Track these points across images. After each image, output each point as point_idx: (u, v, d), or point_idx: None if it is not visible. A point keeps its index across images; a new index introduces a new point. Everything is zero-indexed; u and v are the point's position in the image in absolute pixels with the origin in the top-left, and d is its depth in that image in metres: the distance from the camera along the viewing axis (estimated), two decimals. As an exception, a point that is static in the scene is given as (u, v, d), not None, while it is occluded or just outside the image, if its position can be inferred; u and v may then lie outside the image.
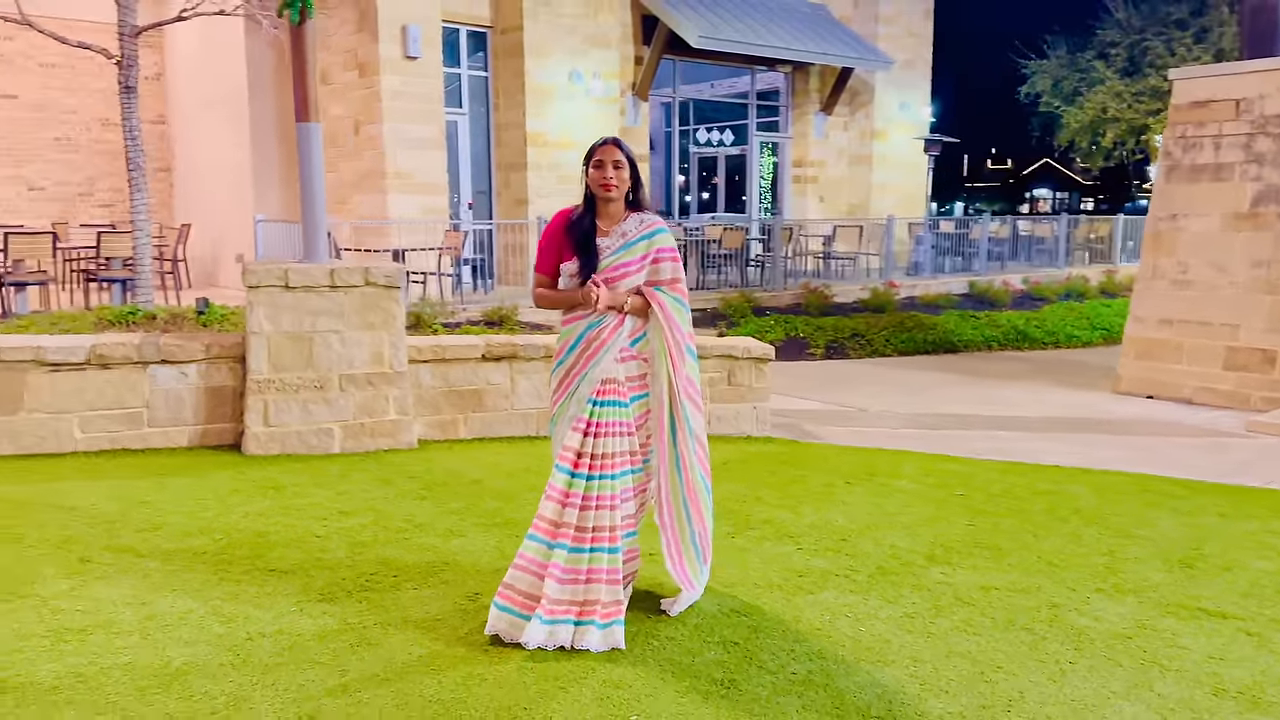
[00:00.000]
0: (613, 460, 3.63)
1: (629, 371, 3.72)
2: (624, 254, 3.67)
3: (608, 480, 3.61)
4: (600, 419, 3.63)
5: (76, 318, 8.56)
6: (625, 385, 3.70)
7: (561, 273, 3.70)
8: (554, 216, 3.80)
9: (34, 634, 3.45)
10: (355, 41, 12.68)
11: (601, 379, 3.65)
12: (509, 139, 14.86)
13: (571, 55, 14.87)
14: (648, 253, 3.71)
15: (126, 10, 9.11)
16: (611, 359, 3.67)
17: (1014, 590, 4.18)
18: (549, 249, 3.73)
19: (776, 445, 6.83)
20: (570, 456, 3.60)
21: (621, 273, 3.66)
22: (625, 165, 3.65)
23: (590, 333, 3.66)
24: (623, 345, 3.69)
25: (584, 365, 3.67)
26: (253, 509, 4.96)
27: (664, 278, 3.75)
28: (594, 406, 3.63)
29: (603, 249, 3.66)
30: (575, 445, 3.61)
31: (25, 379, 5.69)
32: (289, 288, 5.92)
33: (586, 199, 3.72)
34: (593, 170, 3.64)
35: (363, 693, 3.14)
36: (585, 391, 3.65)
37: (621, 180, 3.65)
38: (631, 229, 3.70)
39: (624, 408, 3.68)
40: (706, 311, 13.27)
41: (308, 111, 6.28)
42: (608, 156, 3.62)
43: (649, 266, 3.72)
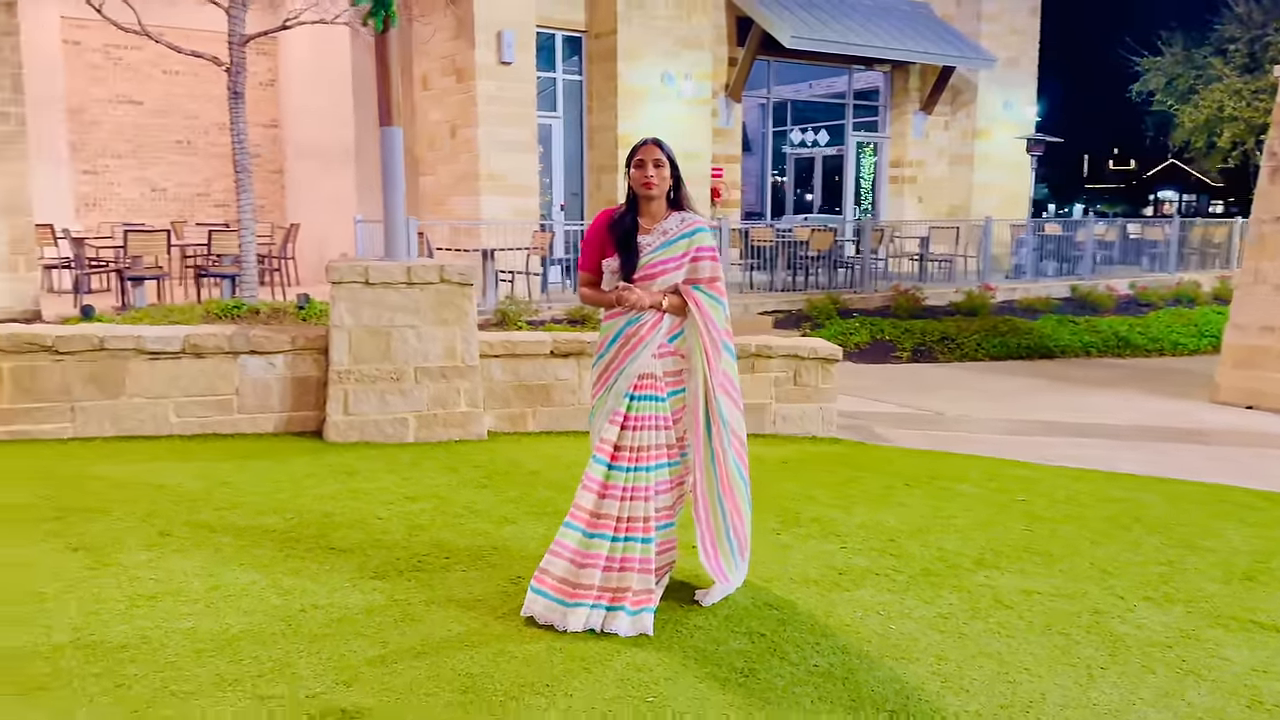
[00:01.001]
0: (649, 453, 3.74)
1: (666, 367, 3.82)
2: (664, 251, 3.76)
3: (643, 472, 3.72)
4: (637, 413, 3.74)
5: (186, 310, 9.09)
6: (663, 380, 3.80)
7: (604, 269, 3.81)
8: (598, 215, 3.93)
9: (111, 598, 3.75)
10: (453, 48, 13.09)
11: (639, 374, 3.75)
12: (601, 141, 15.10)
13: (664, 57, 15.02)
14: (687, 250, 3.79)
15: (236, 20, 9.64)
16: (649, 355, 3.77)
17: (1057, 595, 4.13)
18: (591, 247, 3.86)
19: (841, 446, 6.83)
20: (608, 449, 3.71)
21: (660, 269, 3.76)
22: (666, 164, 3.74)
23: (629, 329, 3.76)
24: (660, 342, 3.79)
25: (622, 360, 3.77)
26: (324, 492, 5.24)
27: (703, 276, 3.82)
28: (631, 400, 3.74)
29: (643, 246, 3.76)
30: (613, 438, 3.72)
31: (127, 366, 6.12)
32: (369, 284, 6.22)
33: (629, 198, 3.83)
34: (634, 170, 3.74)
35: (399, 664, 3.33)
36: (623, 386, 3.75)
37: (662, 179, 3.74)
38: (672, 227, 3.79)
39: (661, 402, 3.78)
40: (791, 314, 13.25)
41: (390, 116, 6.57)
42: (648, 156, 3.72)
43: (688, 264, 3.80)
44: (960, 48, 18.04)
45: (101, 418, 6.12)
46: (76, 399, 6.06)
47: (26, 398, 5.97)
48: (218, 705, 3.00)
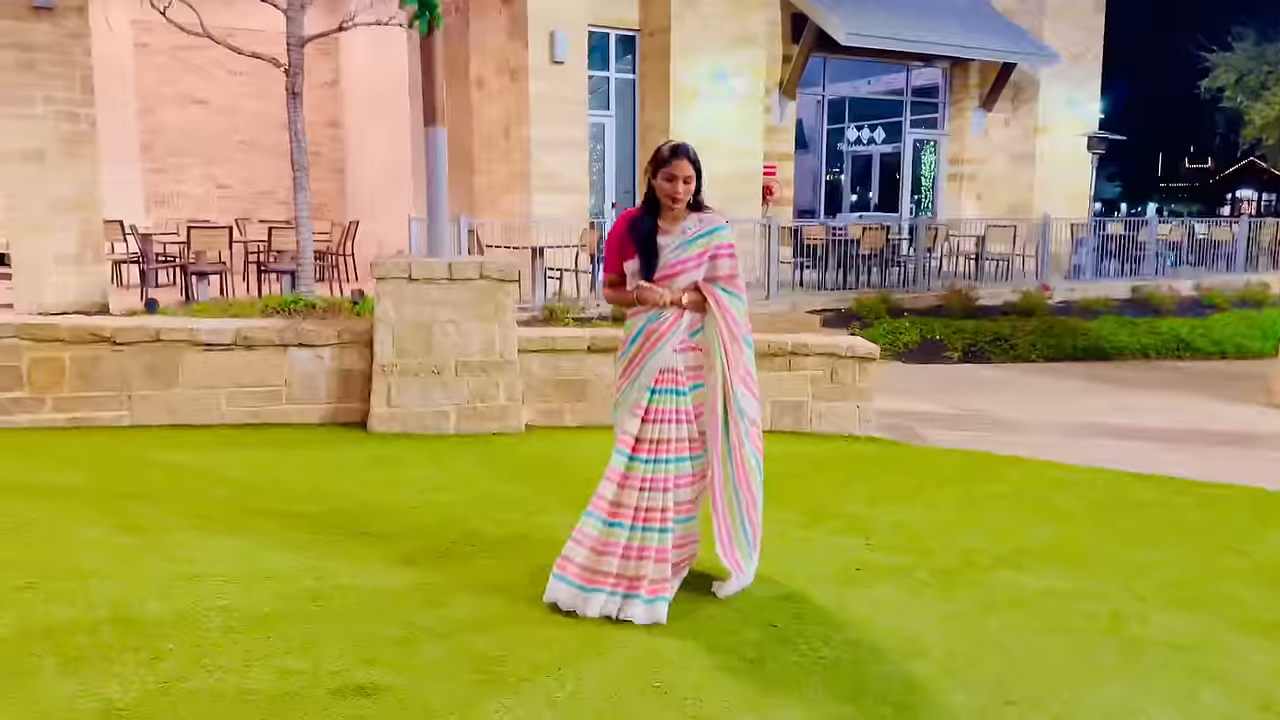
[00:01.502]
0: (668, 445, 3.83)
1: (687, 362, 3.90)
2: (683, 251, 3.83)
3: (662, 464, 3.82)
4: (658, 405, 3.83)
5: (245, 305, 9.40)
6: (684, 375, 3.88)
7: (626, 269, 3.89)
8: (618, 218, 4.01)
9: (152, 577, 3.95)
10: (507, 48, 13.28)
11: (660, 368, 3.84)
12: (653, 139, 15.16)
13: (716, 55, 15.04)
14: (706, 249, 3.85)
15: (294, 22, 9.92)
16: (670, 350, 3.84)
17: (1078, 596, 4.12)
18: (613, 249, 3.94)
19: (878, 445, 6.83)
20: (629, 441, 3.81)
21: (680, 269, 3.83)
22: (694, 179, 3.80)
23: (650, 326, 3.84)
24: (681, 337, 3.86)
25: (644, 356, 3.85)
26: (363, 480, 5.42)
27: (721, 273, 3.89)
28: (652, 394, 3.83)
29: (664, 246, 3.83)
30: (634, 431, 3.82)
31: (181, 357, 6.37)
32: (412, 280, 6.39)
33: (648, 200, 3.88)
34: (663, 182, 3.77)
35: (419, 645, 3.46)
36: (645, 380, 3.83)
37: (688, 192, 3.80)
38: (691, 227, 3.86)
39: (682, 395, 3.87)
40: (840, 312, 13.20)
41: (434, 117, 6.74)
42: (679, 173, 3.74)
43: (708, 262, 3.86)
44: (1021, 44, 17.75)
45: (157, 406, 6.38)
46: (134, 388, 6.33)
47: (87, 386, 6.25)
48: (243, 680, 3.16)
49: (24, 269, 10.44)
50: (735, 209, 15.29)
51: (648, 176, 3.86)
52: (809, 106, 19.08)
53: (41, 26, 10.22)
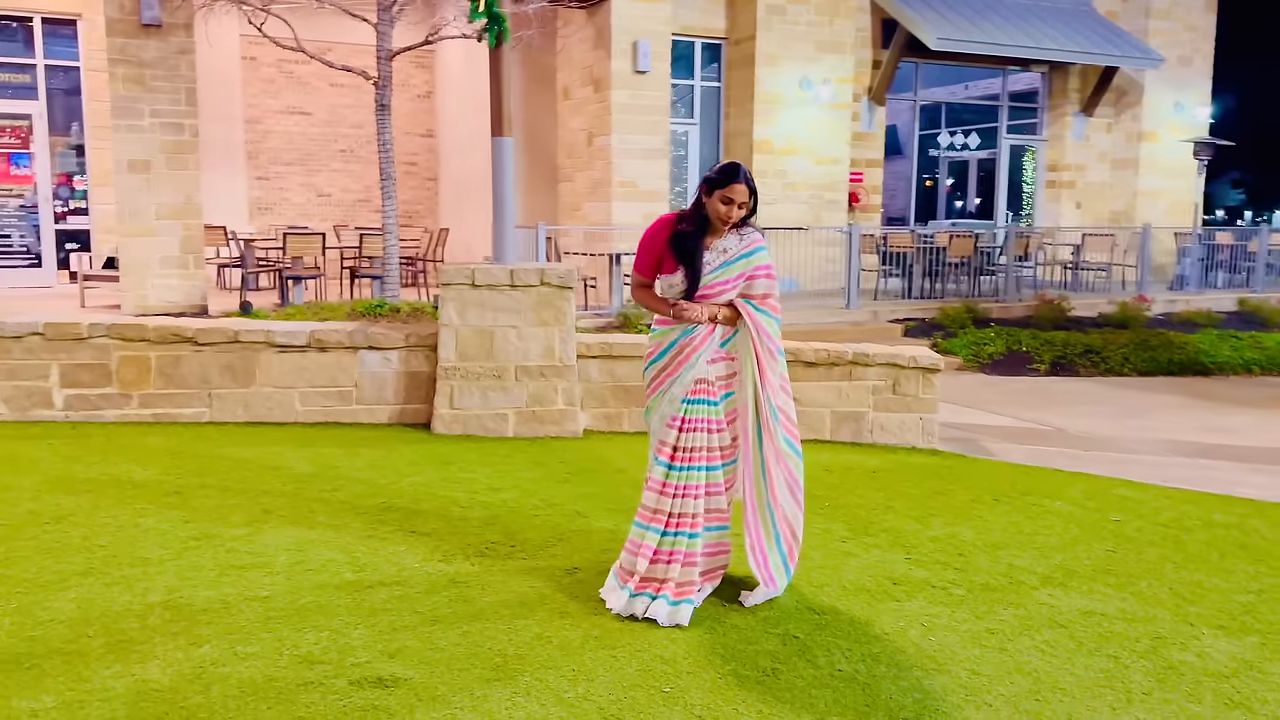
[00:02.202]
0: (700, 454, 3.89)
1: (719, 372, 3.94)
2: (723, 271, 3.84)
3: (694, 471, 3.89)
4: (691, 415, 3.89)
5: (334, 308, 9.74)
6: (716, 385, 3.93)
7: (663, 281, 3.89)
8: (656, 221, 4.00)
9: (205, 567, 4.16)
10: (592, 58, 13.46)
11: (695, 379, 3.89)
12: (737, 147, 15.18)
13: (803, 62, 14.96)
14: (744, 270, 3.87)
15: (383, 36, 10.28)
16: (704, 362, 3.90)
17: (1121, 618, 3.99)
18: (650, 253, 3.93)
19: (938, 458, 6.70)
20: (667, 450, 3.90)
21: (719, 290, 3.85)
22: (748, 205, 3.80)
23: (683, 340, 3.89)
24: (714, 349, 3.92)
25: (677, 368, 3.90)
26: (418, 479, 5.59)
27: (756, 293, 3.91)
28: (686, 405, 3.89)
29: (706, 264, 3.82)
30: (671, 440, 3.89)
31: (258, 358, 6.68)
32: (475, 285, 6.56)
33: (696, 215, 3.85)
34: (719, 204, 3.76)
35: (443, 640, 3.57)
36: (678, 392, 3.89)
37: (740, 216, 3.81)
38: (731, 246, 3.86)
39: (714, 405, 3.92)
40: (924, 322, 12.96)
41: (501, 127, 6.91)
42: (737, 197, 3.75)
43: (744, 282, 3.89)
44: (1123, 46, 17.14)
45: (235, 405, 6.70)
46: (213, 387, 6.66)
47: (170, 384, 6.60)
48: (271, 667, 3.31)
49: (131, 271, 11.06)
50: (820, 216, 15.20)
51: (700, 193, 3.85)
52: (902, 113, 18.80)
53: (150, 43, 10.82)
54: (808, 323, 12.37)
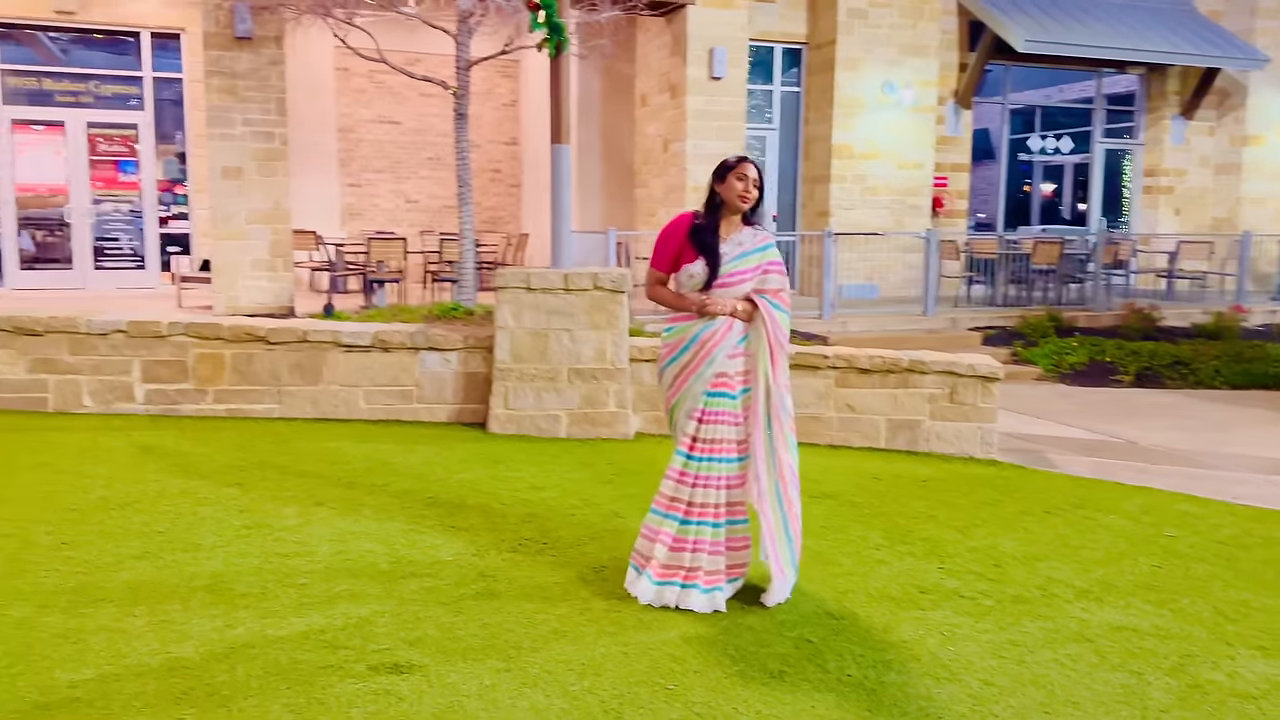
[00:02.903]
0: (721, 446, 3.99)
1: (737, 366, 4.03)
2: (740, 262, 3.99)
3: (716, 463, 3.99)
4: (712, 408, 3.99)
5: (412, 310, 10.04)
6: (735, 379, 4.02)
7: (683, 273, 4.00)
8: (676, 219, 4.14)
9: (251, 554, 4.37)
10: (669, 65, 13.56)
11: (716, 374, 3.99)
12: (815, 152, 15.08)
13: (885, 66, 14.78)
14: (760, 264, 4.03)
15: (462, 46, 10.55)
16: (724, 357, 3.99)
17: (1153, 635, 3.88)
18: (670, 249, 4.05)
19: (995, 469, 6.57)
20: (687, 441, 4.01)
21: (738, 279, 3.99)
22: (759, 182, 3.98)
23: (704, 334, 3.99)
24: (733, 343, 4.01)
25: (699, 364, 4.00)
26: (466, 477, 5.75)
27: (770, 287, 4.05)
28: (707, 398, 3.99)
29: (722, 254, 3.98)
30: (691, 432, 4.00)
31: (325, 357, 6.95)
32: (530, 289, 6.70)
33: (710, 206, 4.03)
34: (735, 182, 3.94)
35: (463, 629, 3.69)
36: (700, 387, 3.99)
37: (755, 196, 3.98)
38: (746, 240, 4.02)
39: (733, 399, 4.01)
40: (1005, 330, 12.67)
41: (560, 135, 7.05)
42: (749, 173, 3.95)
43: (759, 276, 4.03)
44: (1225, 47, 16.44)
45: (303, 401, 6.98)
46: (283, 384, 6.95)
47: (243, 381, 6.92)
48: (297, 650, 3.48)
49: (223, 274, 11.58)
50: (902, 222, 14.99)
51: (711, 186, 4.03)
52: (991, 116, 18.38)
53: (243, 55, 11.33)
54: (882, 330, 12.23)
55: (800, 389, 6.83)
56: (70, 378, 6.80)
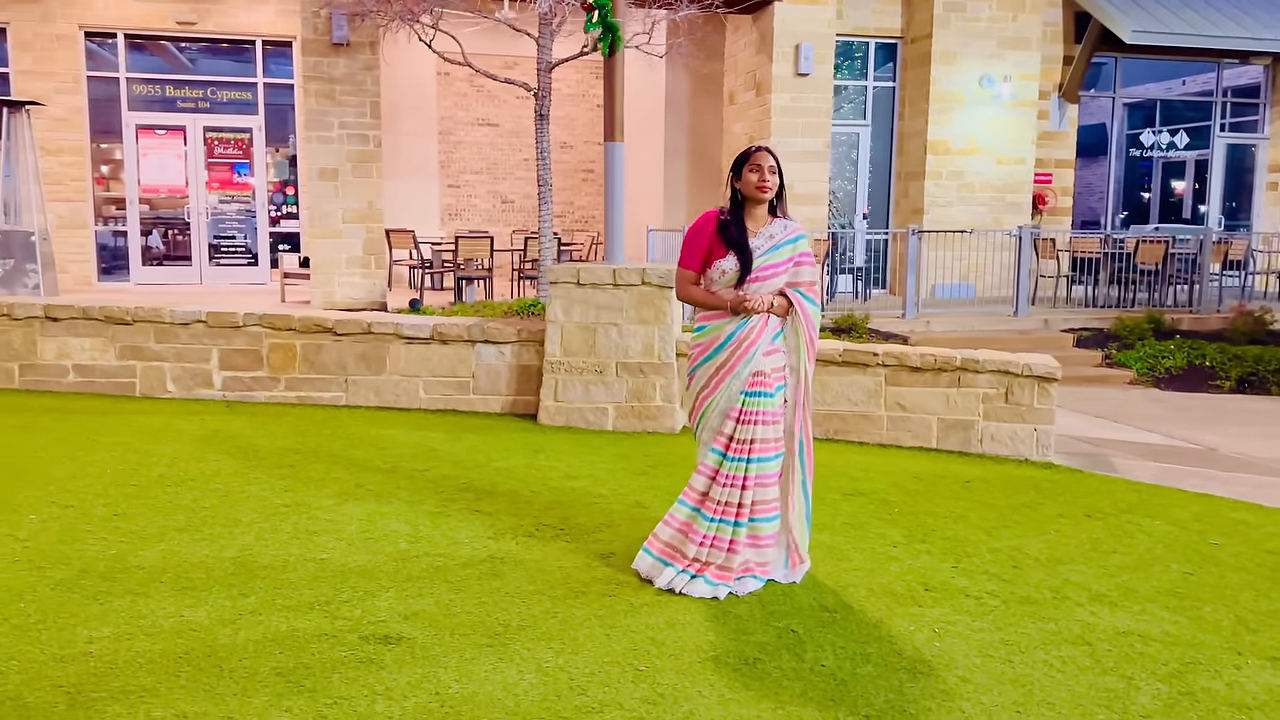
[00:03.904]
0: (759, 446, 3.99)
1: (774, 364, 4.03)
2: (772, 255, 3.97)
3: (753, 463, 4.00)
4: (750, 408, 3.98)
5: (494, 306, 10.36)
6: (771, 376, 4.01)
7: (715, 269, 3.98)
8: (702, 216, 4.13)
9: (283, 530, 4.63)
10: (755, 62, 13.55)
11: (753, 372, 3.98)
12: (910, 148, 14.81)
13: (984, 59, 14.41)
14: (792, 256, 4.01)
15: (544, 49, 10.80)
16: (761, 355, 3.99)
17: (1159, 641, 3.75)
18: (698, 247, 4.03)
19: (1048, 472, 6.38)
20: (723, 440, 4.01)
21: (770, 272, 3.97)
22: (777, 171, 3.95)
23: (740, 332, 3.97)
24: (769, 341, 4.01)
25: (736, 363, 3.98)
26: (504, 465, 5.92)
27: (802, 280, 4.05)
28: (745, 397, 3.99)
29: (754, 249, 3.95)
30: (729, 431, 4.00)
31: (388, 348, 7.25)
32: (580, 284, 6.85)
33: (733, 202, 4.02)
34: (749, 174, 3.93)
35: (459, 607, 3.84)
36: (737, 386, 3.98)
37: (774, 184, 3.94)
38: (777, 232, 4.01)
39: (770, 397, 4.00)
40: (1100, 332, 12.20)
41: (614, 132, 7.17)
42: (763, 162, 3.92)
43: (791, 269, 4.02)
44: (1361, 31, 15.39)
45: (367, 390, 7.30)
46: (349, 374, 7.29)
47: (312, 370, 7.28)
48: (299, 619, 3.69)
49: (320, 270, 12.14)
50: (1001, 219, 14.59)
51: (729, 180, 4.01)
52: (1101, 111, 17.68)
53: (340, 61, 11.86)
54: (968, 330, 11.94)
55: (849, 386, 6.79)
56: (155, 365, 7.29)
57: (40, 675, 3.20)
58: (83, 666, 3.27)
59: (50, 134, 14.38)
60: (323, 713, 3.05)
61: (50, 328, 7.28)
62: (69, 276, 14.59)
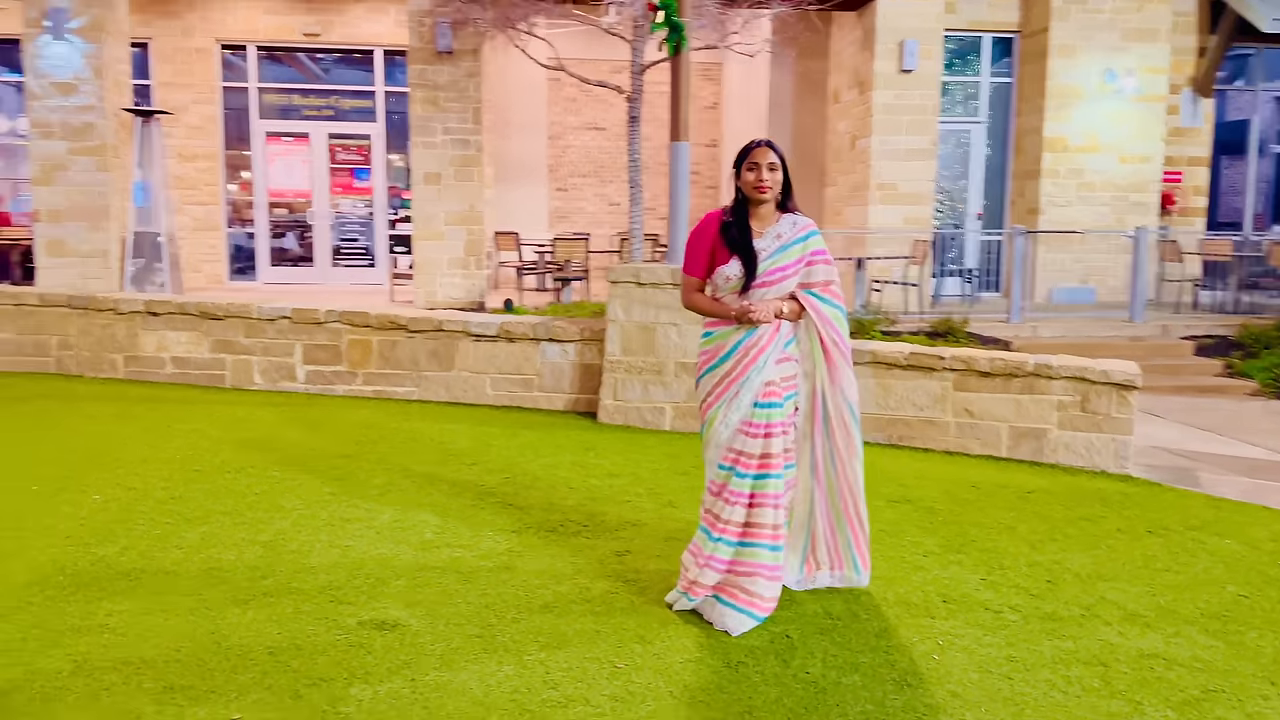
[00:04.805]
0: (766, 460, 3.69)
1: (784, 372, 3.76)
2: (781, 256, 3.69)
3: (770, 479, 3.70)
4: (759, 420, 3.69)
5: (584, 307, 10.51)
6: (781, 385, 3.74)
7: (719, 275, 3.72)
8: (704, 218, 3.89)
9: (319, 519, 4.81)
10: (859, 60, 13.27)
11: (764, 382, 3.70)
12: (1026, 146, 14.22)
13: (1106, 52, 13.70)
14: (803, 255, 3.72)
15: (637, 52, 10.87)
16: (772, 363, 3.71)
17: (1185, 666, 3.50)
18: (700, 251, 3.77)
19: (1122, 485, 6.01)
20: (732, 456, 3.71)
21: (780, 275, 3.68)
22: (779, 167, 3.68)
23: (748, 340, 3.70)
24: (780, 349, 3.74)
25: (744, 371, 3.70)
26: (550, 461, 5.99)
27: (817, 280, 3.76)
28: (755, 409, 3.70)
29: (758, 251, 3.68)
30: (739, 446, 3.70)
31: (457, 345, 7.43)
32: (640, 284, 6.86)
33: (736, 201, 3.78)
34: (746, 173, 3.68)
35: (461, 598, 3.91)
36: (747, 397, 3.69)
37: (775, 181, 3.67)
38: (786, 231, 3.72)
39: (779, 408, 3.72)
40: (1225, 340, 11.39)
41: (679, 132, 7.15)
42: (761, 159, 3.65)
43: (803, 269, 3.74)
44: None
45: (438, 386, 7.50)
46: (421, 369, 7.50)
47: (387, 365, 7.53)
48: (307, 601, 3.83)
49: (423, 271, 12.53)
50: (1124, 220, 13.85)
51: (733, 177, 3.76)
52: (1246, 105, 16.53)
53: (444, 68, 12.22)
54: (1077, 336, 11.36)
55: (914, 391, 6.58)
56: (244, 358, 7.68)
57: (55, 644, 3.42)
58: (95, 639, 3.48)
59: (187, 141, 15.33)
60: (299, 692, 3.17)
61: (151, 322, 7.76)
62: (202, 276, 15.50)
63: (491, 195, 15.88)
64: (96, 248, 11.96)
